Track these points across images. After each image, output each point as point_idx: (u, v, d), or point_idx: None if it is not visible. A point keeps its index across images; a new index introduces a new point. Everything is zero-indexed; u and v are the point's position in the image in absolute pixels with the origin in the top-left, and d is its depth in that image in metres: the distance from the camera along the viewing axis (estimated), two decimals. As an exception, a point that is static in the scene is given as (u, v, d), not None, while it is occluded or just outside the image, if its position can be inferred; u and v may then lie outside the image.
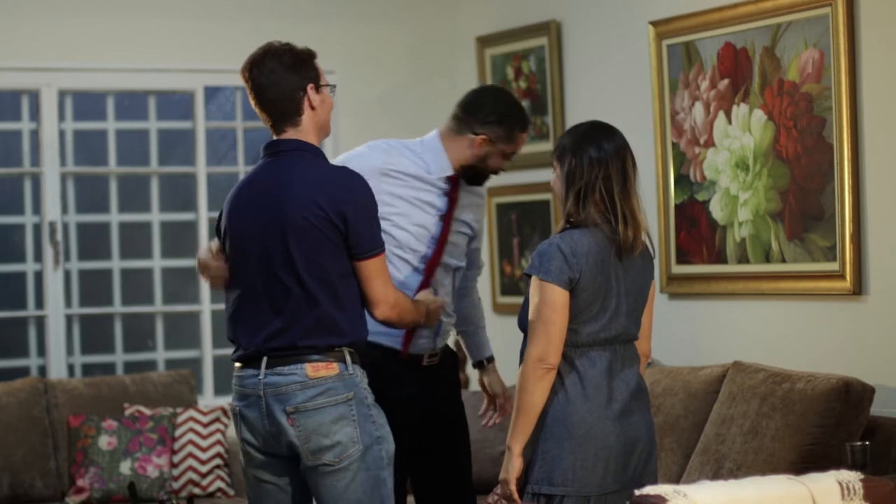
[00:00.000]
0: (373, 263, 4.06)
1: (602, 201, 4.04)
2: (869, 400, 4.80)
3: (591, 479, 4.01)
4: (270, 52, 4.25)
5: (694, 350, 5.76)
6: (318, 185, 4.03)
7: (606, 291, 4.05)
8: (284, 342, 4.01)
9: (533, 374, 4.02)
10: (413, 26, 7.23)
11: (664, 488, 3.35)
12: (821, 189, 5.22)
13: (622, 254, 4.05)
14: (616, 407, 4.06)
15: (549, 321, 3.99)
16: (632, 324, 4.15)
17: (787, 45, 5.33)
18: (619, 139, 4.11)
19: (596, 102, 6.33)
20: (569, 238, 4.02)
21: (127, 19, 6.74)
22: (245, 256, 4.07)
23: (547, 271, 3.99)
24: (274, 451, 4.06)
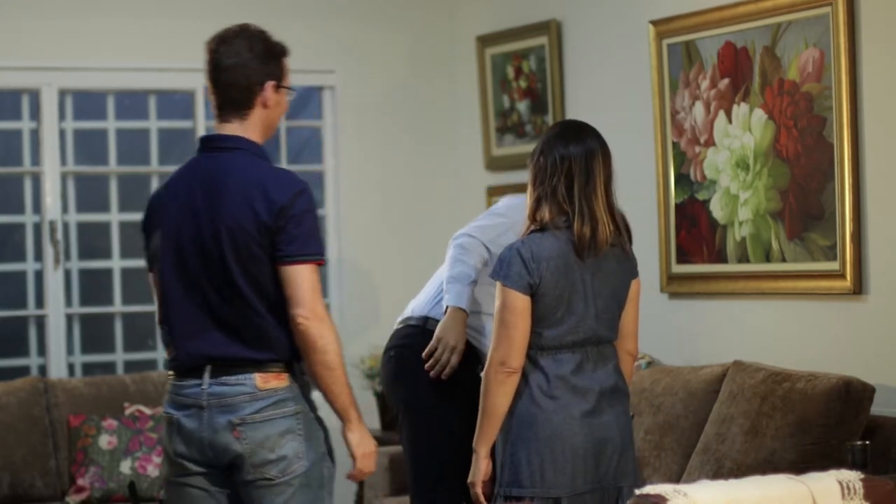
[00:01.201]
0: (305, 270, 3.76)
1: (564, 201, 4.06)
2: (869, 399, 4.80)
3: (559, 481, 4.02)
4: (244, 34, 4.03)
5: (694, 349, 5.76)
6: (255, 186, 3.75)
7: (571, 295, 4.05)
8: (230, 352, 3.77)
9: (495, 378, 4.03)
10: (413, 26, 7.23)
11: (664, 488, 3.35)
12: (821, 188, 5.22)
13: (581, 253, 4.04)
14: (584, 407, 4.06)
15: (511, 325, 4.01)
16: (603, 326, 4.13)
17: (788, 44, 5.33)
18: (588, 139, 4.16)
19: (596, 102, 6.33)
20: (530, 243, 4.03)
21: (127, 19, 6.74)
22: (181, 260, 3.81)
23: (507, 276, 4.01)
24: (209, 463, 3.81)
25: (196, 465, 3.82)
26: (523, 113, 6.72)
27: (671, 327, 5.94)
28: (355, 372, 7.01)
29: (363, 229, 7.17)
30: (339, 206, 7.14)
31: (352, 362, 7.06)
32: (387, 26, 7.18)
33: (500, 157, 6.90)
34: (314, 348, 3.77)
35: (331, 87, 7.14)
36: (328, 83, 7.13)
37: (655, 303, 6.00)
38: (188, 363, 3.80)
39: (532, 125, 6.66)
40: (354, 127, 7.15)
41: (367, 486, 6.27)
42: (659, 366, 5.72)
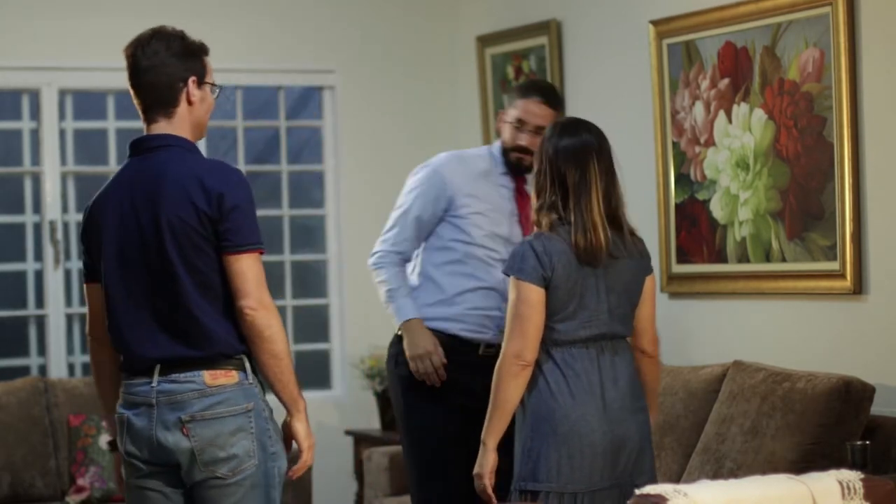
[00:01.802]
0: (249, 260, 3.73)
1: (562, 212, 4.12)
2: (869, 399, 4.80)
3: (577, 476, 4.03)
4: (159, 35, 3.99)
5: (694, 349, 5.76)
6: (191, 179, 3.75)
7: (583, 289, 4.09)
8: (177, 353, 3.75)
9: (508, 371, 4.06)
10: (413, 26, 7.23)
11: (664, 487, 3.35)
12: (821, 188, 5.22)
13: (580, 259, 4.09)
14: (602, 404, 4.09)
15: (526, 318, 4.04)
16: (617, 322, 4.18)
17: (788, 44, 5.33)
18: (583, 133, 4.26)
19: (596, 102, 6.33)
20: (542, 239, 4.09)
21: (127, 19, 6.72)
22: (124, 262, 3.78)
23: (521, 270, 4.06)
24: (160, 462, 3.77)
25: (147, 464, 3.78)
26: (523, 113, 6.71)
27: (671, 327, 5.93)
28: (355, 372, 7.01)
29: (363, 229, 7.16)
30: (339, 206, 7.14)
31: (352, 362, 7.07)
32: (387, 26, 7.18)
33: (500, 157, 6.90)
34: (262, 338, 3.74)
35: (331, 87, 7.14)
36: (328, 83, 7.13)
37: (655, 303, 6.00)
38: (138, 365, 3.78)
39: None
40: (354, 127, 7.15)
41: (367, 485, 6.28)
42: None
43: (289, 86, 7.16)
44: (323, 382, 7.18)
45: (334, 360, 7.18)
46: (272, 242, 7.14)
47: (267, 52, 7.00)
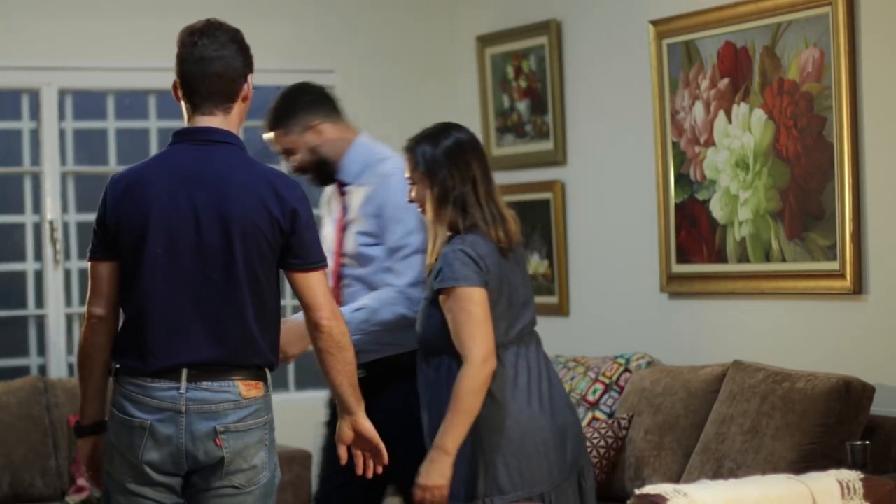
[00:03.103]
0: (320, 276, 3.72)
1: (477, 207, 4.08)
2: (869, 399, 4.80)
3: (539, 477, 4.02)
4: (223, 27, 3.92)
5: (694, 349, 5.76)
6: (265, 186, 3.67)
7: (509, 286, 4.09)
8: (213, 356, 3.65)
9: (480, 376, 3.98)
10: (413, 26, 7.23)
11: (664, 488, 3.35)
12: (821, 188, 5.22)
13: (504, 254, 4.08)
14: (542, 399, 4.08)
15: (483, 320, 3.98)
16: (531, 311, 4.18)
17: (788, 44, 5.33)
18: (479, 146, 4.19)
19: (596, 102, 6.33)
20: (468, 241, 4.04)
21: (127, 18, 6.74)
22: (172, 257, 3.64)
23: (465, 277, 3.99)
24: (173, 471, 3.67)
25: (161, 474, 3.67)
26: (523, 113, 6.72)
27: (671, 327, 5.94)
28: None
29: (363, 229, 7.17)
30: (339, 205, 7.13)
31: (352, 362, 7.06)
32: (387, 26, 7.18)
33: (500, 157, 6.90)
34: (339, 347, 3.76)
35: (331, 87, 7.13)
36: (328, 83, 7.13)
37: (655, 303, 6.01)
38: (163, 365, 3.64)
39: (532, 125, 6.67)
40: (354, 127, 7.15)
41: (367, 485, 6.27)
42: (659, 366, 5.73)
43: (289, 86, 7.16)
44: (323, 382, 7.15)
45: (334, 360, 7.17)
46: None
47: (267, 52, 6.98)
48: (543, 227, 6.62)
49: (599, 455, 5.44)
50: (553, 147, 6.54)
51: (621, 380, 5.74)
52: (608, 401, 5.73)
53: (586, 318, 6.43)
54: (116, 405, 3.70)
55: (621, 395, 5.68)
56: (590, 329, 6.38)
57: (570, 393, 5.86)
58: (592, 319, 6.39)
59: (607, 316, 6.29)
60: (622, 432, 5.49)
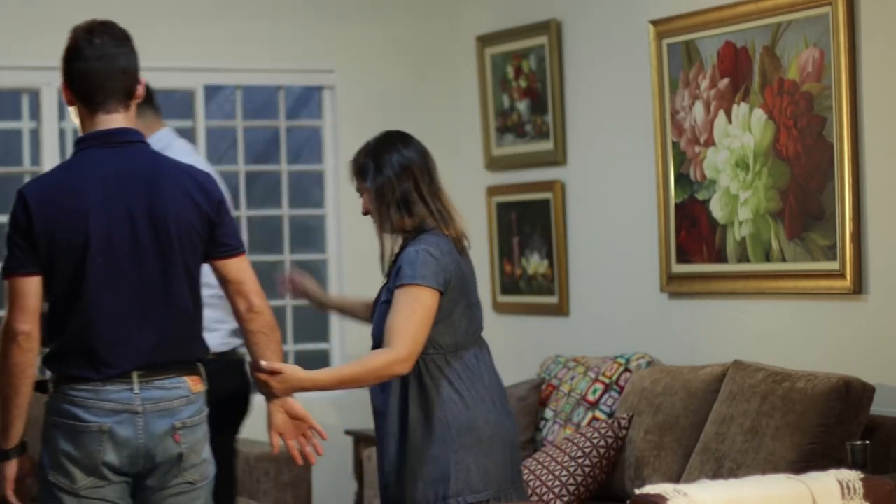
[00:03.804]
0: (245, 259, 3.77)
1: (424, 205, 4.11)
2: (869, 399, 4.80)
3: (505, 477, 4.08)
4: (117, 25, 3.87)
5: (694, 349, 5.76)
6: (189, 180, 3.69)
7: (467, 287, 4.12)
8: (162, 355, 3.66)
9: (395, 368, 3.97)
10: (413, 26, 7.23)
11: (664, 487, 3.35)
12: (821, 188, 5.22)
13: (460, 251, 4.11)
14: (502, 400, 4.14)
15: (422, 323, 3.98)
16: (482, 315, 4.22)
17: (788, 44, 5.33)
18: (415, 143, 4.20)
19: (596, 102, 6.33)
20: (431, 242, 4.05)
21: (126, 19, 6.72)
22: (111, 262, 3.62)
23: (423, 276, 4.00)
24: (129, 472, 3.66)
25: (117, 474, 3.66)
26: (523, 113, 6.73)
27: (671, 327, 5.94)
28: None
29: (363, 229, 7.16)
30: (339, 206, 7.14)
31: (352, 362, 7.06)
32: (387, 26, 7.18)
33: (500, 157, 6.91)
34: (272, 327, 3.82)
35: (331, 87, 7.14)
36: (328, 83, 7.13)
37: (655, 303, 6.01)
38: (115, 369, 3.63)
39: (532, 125, 6.67)
40: (354, 127, 7.14)
41: (367, 485, 6.28)
42: (659, 366, 5.73)
43: (289, 86, 7.16)
44: (323, 382, 7.17)
45: (334, 359, 7.18)
46: (272, 242, 7.14)
47: (267, 52, 7.00)
48: (543, 227, 6.62)
49: (599, 455, 5.44)
50: (553, 147, 6.54)
51: (621, 380, 5.74)
52: (608, 401, 5.73)
53: (586, 318, 6.43)
54: (62, 413, 3.64)
55: (621, 395, 5.69)
56: (590, 329, 6.38)
57: (570, 393, 5.86)
58: (592, 319, 6.39)
59: (607, 316, 6.29)
60: (622, 432, 5.49)
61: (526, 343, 6.77)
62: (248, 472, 6.09)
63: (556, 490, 5.37)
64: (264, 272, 7.19)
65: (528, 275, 6.74)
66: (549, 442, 5.82)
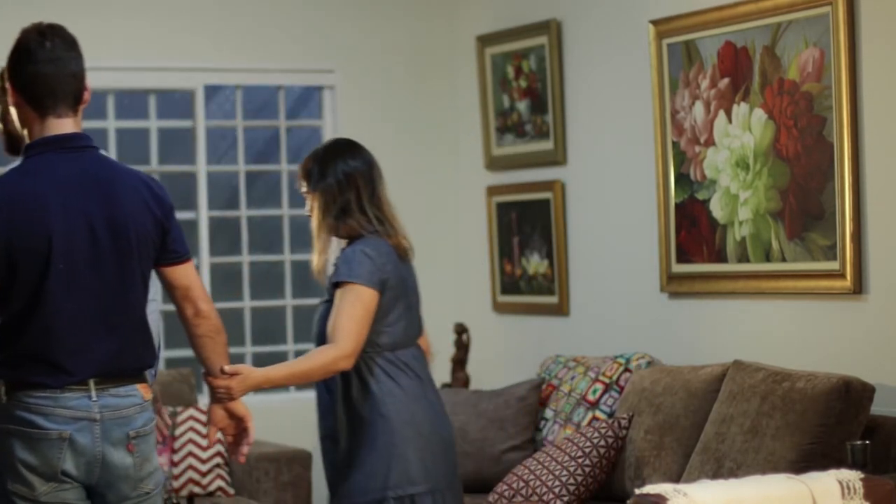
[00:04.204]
0: (191, 264, 3.78)
1: (361, 213, 4.18)
2: (869, 399, 4.80)
3: (441, 473, 4.17)
4: (65, 29, 3.82)
5: (694, 349, 5.76)
6: (143, 186, 3.67)
7: (407, 289, 4.21)
8: (120, 363, 3.62)
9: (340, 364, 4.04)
10: (413, 26, 7.23)
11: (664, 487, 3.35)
12: (821, 188, 5.23)
13: (400, 256, 4.21)
14: (441, 404, 4.26)
15: (363, 320, 4.06)
16: (421, 322, 4.32)
17: (788, 44, 5.33)
18: (363, 153, 4.29)
19: (596, 101, 6.33)
20: (368, 243, 4.14)
21: (127, 19, 6.74)
22: (71, 270, 3.57)
23: (359, 275, 4.08)
24: (84, 482, 3.60)
25: (76, 483, 3.60)
26: (523, 113, 6.73)
27: (671, 327, 5.94)
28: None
29: (363, 229, 7.17)
30: (339, 205, 7.14)
31: (352, 362, 7.06)
32: (387, 26, 7.19)
33: (500, 157, 6.91)
34: (218, 330, 3.82)
35: (331, 87, 7.14)
36: (328, 83, 7.13)
37: (655, 303, 6.01)
38: (75, 376, 3.57)
39: (532, 125, 6.67)
40: (354, 127, 7.14)
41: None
42: (659, 366, 5.73)
43: (289, 86, 7.16)
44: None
45: (334, 359, 7.18)
46: (272, 242, 7.14)
47: (267, 52, 7.00)
48: (543, 227, 6.62)
49: (599, 455, 5.44)
50: (553, 147, 6.54)
51: (621, 379, 5.74)
52: (608, 400, 5.73)
53: (586, 318, 6.43)
54: (17, 421, 3.57)
55: (621, 395, 5.69)
56: (590, 329, 6.38)
57: (570, 393, 5.86)
58: (592, 319, 6.39)
59: (607, 316, 6.29)
60: (622, 432, 5.49)
61: (526, 343, 6.77)
62: (248, 472, 6.08)
63: (556, 490, 5.38)
64: (264, 272, 7.20)
65: (528, 275, 6.74)
66: (549, 442, 5.82)
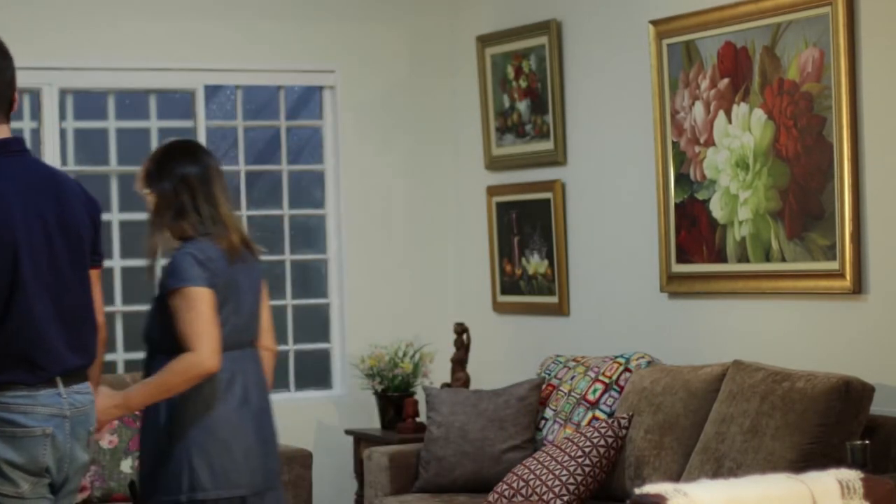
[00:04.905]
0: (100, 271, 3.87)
1: (198, 215, 4.20)
2: (869, 399, 4.80)
3: (240, 480, 4.13)
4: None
5: (694, 349, 5.77)
6: (79, 188, 3.76)
7: (235, 292, 4.20)
8: (78, 361, 3.69)
9: (201, 367, 4.03)
10: (413, 26, 7.24)
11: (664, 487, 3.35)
12: (821, 188, 5.23)
13: (232, 258, 4.19)
14: (252, 407, 4.20)
15: (211, 319, 4.07)
16: (255, 324, 4.31)
17: (788, 44, 5.34)
18: (201, 156, 4.29)
19: (596, 102, 6.33)
20: (196, 247, 4.16)
21: (128, 19, 6.75)
22: (35, 270, 3.61)
23: (194, 278, 4.10)
24: (55, 478, 3.67)
25: (49, 477, 3.65)
26: (523, 113, 6.73)
27: (671, 327, 5.94)
28: (355, 372, 7.02)
29: (363, 229, 7.18)
30: (339, 206, 7.14)
31: (352, 362, 7.07)
32: (387, 26, 7.19)
33: (500, 157, 6.91)
34: (104, 343, 3.91)
35: (331, 87, 7.15)
36: (328, 83, 7.14)
37: (655, 302, 6.01)
38: (49, 374, 3.63)
39: (532, 125, 6.67)
40: (354, 127, 7.15)
41: (367, 485, 6.28)
42: (659, 365, 5.73)
43: (289, 86, 7.17)
44: (323, 382, 7.18)
45: (334, 359, 7.18)
46: (272, 242, 7.14)
47: (267, 52, 7.01)
48: (543, 227, 6.63)
49: (599, 454, 5.44)
50: (553, 147, 6.54)
51: (621, 379, 5.75)
52: (608, 400, 5.73)
53: (586, 317, 6.44)
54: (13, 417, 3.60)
55: (621, 395, 5.69)
56: (590, 329, 6.38)
57: (570, 392, 5.87)
58: (592, 319, 6.39)
59: (607, 316, 6.30)
60: (622, 432, 5.49)
61: (526, 343, 6.77)
62: (248, 472, 6.09)
63: (556, 490, 5.38)
64: (264, 272, 7.20)
65: (528, 275, 6.74)
66: (549, 442, 5.82)
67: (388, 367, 6.86)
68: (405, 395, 6.81)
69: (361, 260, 7.17)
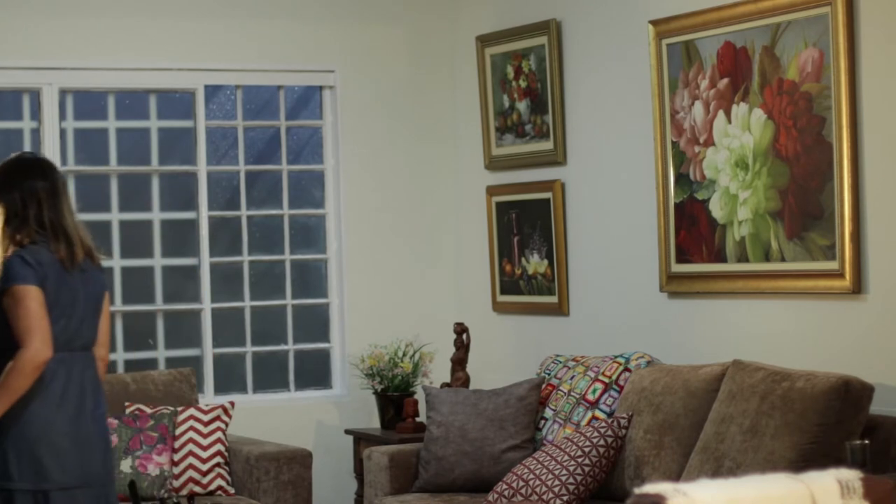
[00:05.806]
0: None
1: (39, 226, 4.32)
2: (868, 398, 4.80)
3: (48, 476, 4.24)
4: None
5: (693, 349, 5.77)
6: None
7: (67, 298, 4.31)
8: None
9: (36, 360, 4.18)
10: (413, 26, 7.24)
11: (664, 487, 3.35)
12: (820, 188, 5.23)
13: (66, 267, 4.31)
14: (70, 409, 4.31)
15: (40, 315, 4.21)
16: (89, 330, 4.41)
17: (787, 44, 5.34)
18: (47, 171, 4.41)
19: (596, 101, 6.34)
20: (28, 250, 4.29)
21: (128, 19, 6.75)
22: None
23: (24, 277, 4.23)
24: None
25: None
26: (523, 112, 6.73)
27: (670, 327, 5.95)
28: (355, 371, 7.02)
29: (363, 229, 7.18)
30: (339, 206, 7.14)
31: (352, 362, 7.07)
32: (387, 26, 7.19)
33: (500, 157, 6.91)
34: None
35: (331, 87, 7.15)
36: (328, 83, 7.14)
37: (655, 302, 6.01)
38: None
39: (532, 125, 6.68)
40: (354, 127, 7.16)
41: (367, 485, 6.29)
42: (658, 365, 5.73)
43: (289, 86, 7.17)
44: (323, 382, 7.19)
45: (334, 359, 7.18)
46: (272, 242, 7.14)
47: (267, 52, 7.01)
48: (543, 226, 6.63)
49: (599, 454, 5.45)
50: (553, 147, 6.55)
51: (621, 379, 5.75)
52: (608, 400, 5.73)
53: (586, 317, 6.44)
54: None
55: (621, 395, 5.69)
56: (590, 329, 6.38)
57: (570, 392, 5.87)
58: (592, 319, 6.40)
59: (607, 316, 6.30)
60: (622, 431, 5.49)
61: (526, 343, 6.77)
62: (248, 472, 6.09)
63: (556, 489, 5.38)
64: (264, 272, 7.21)
65: (528, 275, 6.75)
66: (548, 441, 5.82)
67: (387, 367, 6.86)
68: (405, 395, 6.81)
69: (361, 260, 7.18)
